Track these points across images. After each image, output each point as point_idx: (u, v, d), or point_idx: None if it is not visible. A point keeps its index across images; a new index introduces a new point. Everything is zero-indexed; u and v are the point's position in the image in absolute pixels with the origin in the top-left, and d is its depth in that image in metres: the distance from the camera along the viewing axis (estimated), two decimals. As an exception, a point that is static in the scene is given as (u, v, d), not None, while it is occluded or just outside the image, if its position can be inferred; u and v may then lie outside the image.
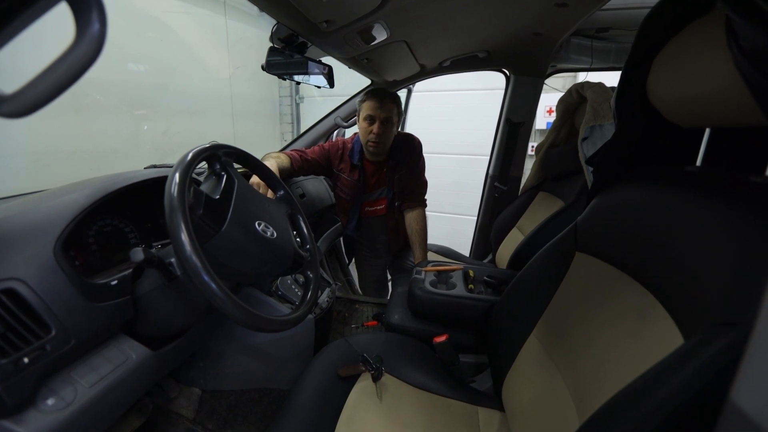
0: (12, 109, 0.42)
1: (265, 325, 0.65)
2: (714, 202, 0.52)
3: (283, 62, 1.11)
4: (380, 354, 0.95)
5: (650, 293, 0.57)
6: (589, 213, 0.80)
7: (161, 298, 0.73)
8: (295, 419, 0.77)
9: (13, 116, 0.43)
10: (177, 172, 0.61)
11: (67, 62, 0.40)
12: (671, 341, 0.48)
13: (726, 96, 0.50)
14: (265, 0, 0.77)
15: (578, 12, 1.14)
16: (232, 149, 0.79)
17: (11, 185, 0.92)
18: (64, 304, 0.60)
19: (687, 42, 0.57)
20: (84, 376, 0.62)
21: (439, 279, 1.23)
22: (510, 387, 0.84)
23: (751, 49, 0.43)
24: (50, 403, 0.56)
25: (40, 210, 0.64)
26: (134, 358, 0.71)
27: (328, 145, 1.61)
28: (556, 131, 1.61)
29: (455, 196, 3.52)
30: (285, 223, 0.85)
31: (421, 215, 1.64)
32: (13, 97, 0.42)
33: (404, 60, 1.47)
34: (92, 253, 0.80)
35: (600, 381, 0.57)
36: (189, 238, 0.56)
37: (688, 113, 0.61)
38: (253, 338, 1.16)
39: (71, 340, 0.60)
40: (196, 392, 1.20)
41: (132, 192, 0.82)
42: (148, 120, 2.12)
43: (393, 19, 1.02)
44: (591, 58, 1.60)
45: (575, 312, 0.73)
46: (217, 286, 0.57)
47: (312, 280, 0.86)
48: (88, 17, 0.39)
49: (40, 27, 0.36)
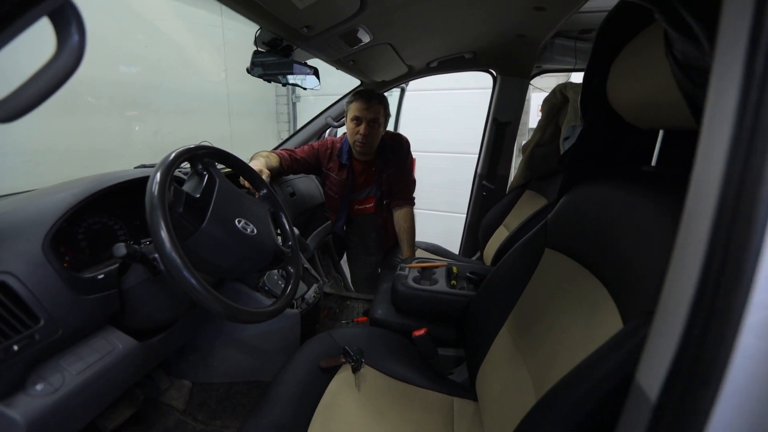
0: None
1: (243, 316, 0.69)
2: (658, 199, 0.55)
3: (268, 64, 1.14)
4: (362, 347, 0.98)
5: (603, 286, 0.60)
6: (557, 211, 0.84)
7: (146, 291, 0.77)
8: (275, 408, 0.80)
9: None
10: (158, 172, 0.65)
11: (49, 72, 0.44)
12: (614, 329, 0.51)
13: (671, 101, 0.53)
14: (245, 8, 0.80)
15: (557, 15, 1.16)
16: (214, 150, 0.82)
17: (3, 184, 0.96)
18: (53, 296, 0.64)
19: (638, 48, 0.61)
20: (72, 364, 0.66)
21: (423, 275, 1.27)
22: (483, 378, 0.88)
23: (683, 59, 0.46)
24: (39, 388, 0.60)
25: (30, 208, 0.68)
26: (120, 348, 0.75)
27: (318, 145, 1.64)
28: (542, 131, 1.64)
29: (449, 194, 3.55)
30: (267, 220, 0.88)
31: (409, 213, 1.68)
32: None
33: (391, 61, 1.50)
34: (82, 250, 0.83)
35: (554, 368, 0.61)
36: (168, 234, 0.60)
37: (642, 116, 0.64)
38: (242, 332, 1.19)
39: (59, 330, 0.64)
40: (187, 384, 1.24)
41: (121, 190, 0.86)
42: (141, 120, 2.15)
43: (374, 23, 1.05)
44: (575, 58, 1.63)
45: (541, 305, 0.76)
46: (195, 280, 0.61)
47: (293, 274, 0.89)
48: (68, 30, 0.43)
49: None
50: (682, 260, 0.30)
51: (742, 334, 0.25)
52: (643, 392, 0.32)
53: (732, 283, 0.25)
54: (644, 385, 0.32)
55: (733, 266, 0.25)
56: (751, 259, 0.24)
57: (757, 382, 0.25)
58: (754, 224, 0.24)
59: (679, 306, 0.29)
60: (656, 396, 0.29)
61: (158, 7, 2.30)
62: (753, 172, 0.24)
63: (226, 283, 1.06)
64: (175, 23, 2.47)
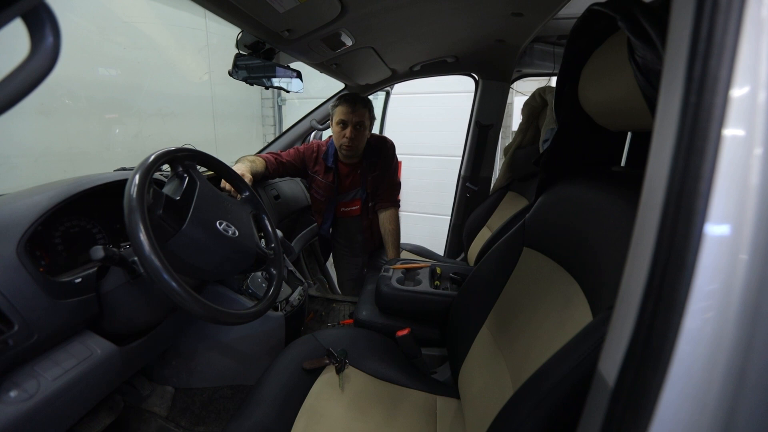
0: None
1: (225, 318, 0.69)
2: (626, 199, 0.58)
3: (251, 68, 1.14)
4: (346, 348, 0.99)
5: (576, 282, 0.62)
6: (534, 210, 0.86)
7: (126, 295, 0.76)
8: (258, 410, 0.80)
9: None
10: (137, 174, 0.65)
11: (22, 74, 0.44)
12: (585, 323, 0.53)
13: (636, 105, 0.56)
14: (225, 11, 0.81)
15: (534, 21, 1.20)
16: (195, 152, 0.82)
17: None
18: (27, 301, 0.63)
19: (605, 54, 0.63)
20: (47, 369, 0.65)
21: (407, 276, 1.28)
22: (464, 375, 0.89)
23: (643, 64, 0.49)
24: (13, 395, 0.59)
25: (4, 211, 0.67)
26: (99, 354, 0.74)
27: (303, 148, 1.64)
28: (523, 133, 1.68)
29: (435, 197, 3.59)
30: (248, 222, 0.88)
31: (394, 215, 1.69)
32: None
33: (374, 65, 1.51)
34: (59, 253, 0.82)
35: (529, 361, 0.63)
36: (147, 237, 0.60)
37: (612, 119, 0.67)
38: (225, 336, 1.18)
39: (34, 335, 0.63)
40: (169, 390, 1.22)
41: (100, 193, 0.85)
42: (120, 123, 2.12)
43: (356, 27, 1.06)
44: (554, 63, 1.68)
45: (519, 302, 0.78)
46: (176, 282, 0.61)
47: (275, 276, 0.89)
48: (42, 32, 0.43)
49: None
50: (636, 255, 0.32)
51: (687, 320, 0.27)
52: (603, 379, 0.33)
53: (676, 273, 0.27)
54: (604, 373, 0.33)
55: (677, 256, 0.27)
56: (692, 249, 0.26)
57: (701, 363, 0.27)
58: (694, 216, 0.26)
59: (633, 297, 0.31)
60: (613, 381, 0.31)
61: (139, 9, 2.27)
62: (692, 168, 0.26)
63: (208, 285, 1.06)
64: (157, 25, 2.45)
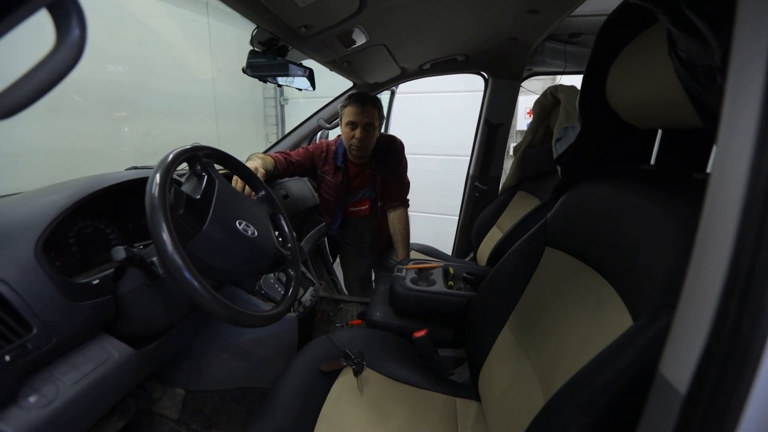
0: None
1: (246, 320, 0.67)
2: (661, 197, 0.57)
3: (264, 65, 1.12)
4: (361, 349, 0.97)
5: (608, 282, 0.61)
6: (557, 210, 0.85)
7: (143, 297, 0.74)
8: (277, 414, 0.79)
9: (-8, 119, 0.44)
10: (158, 173, 0.63)
11: (47, 67, 0.42)
12: (623, 324, 0.52)
13: (671, 101, 0.55)
14: (244, 6, 0.79)
15: (549, 18, 1.19)
16: (213, 150, 0.80)
17: None
18: (45, 304, 0.61)
19: (638, 50, 0.62)
20: (66, 374, 0.63)
21: (420, 276, 1.27)
22: (485, 377, 0.88)
23: (687, 59, 0.47)
24: (32, 400, 0.57)
25: (20, 211, 0.65)
26: (116, 357, 0.72)
27: (312, 148, 1.63)
28: (533, 132, 1.67)
29: (440, 196, 3.57)
30: (266, 222, 0.87)
31: (404, 215, 1.68)
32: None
33: (385, 63, 1.50)
34: (73, 254, 0.80)
35: (562, 365, 0.61)
36: (170, 236, 0.58)
37: (642, 116, 0.66)
38: (237, 338, 1.17)
39: (53, 338, 0.61)
40: (180, 393, 1.20)
41: (113, 193, 0.83)
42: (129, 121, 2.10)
43: (371, 24, 1.05)
44: (564, 61, 1.67)
45: (544, 303, 0.77)
46: (198, 282, 0.59)
47: (293, 277, 0.88)
48: (68, 23, 0.41)
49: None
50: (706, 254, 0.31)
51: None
52: (669, 384, 0.32)
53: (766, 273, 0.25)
54: (670, 378, 0.32)
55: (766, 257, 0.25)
56: None
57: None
58: None
59: (705, 297, 0.30)
60: (686, 387, 0.29)
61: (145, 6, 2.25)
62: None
63: (223, 287, 1.04)
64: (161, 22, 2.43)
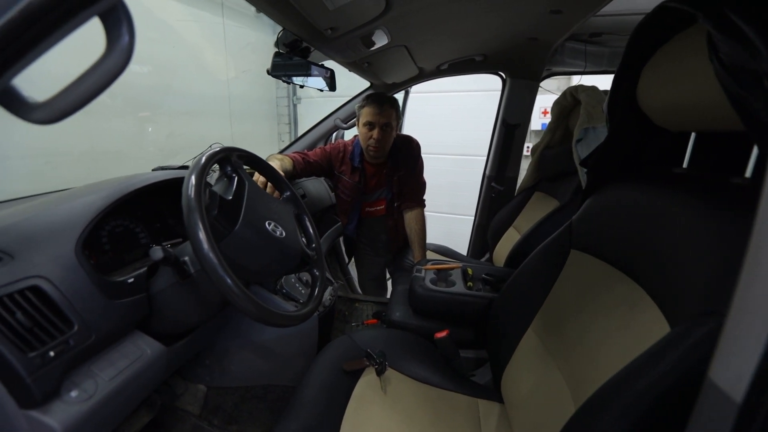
0: (44, 116, 0.45)
1: (277, 319, 0.68)
2: (697, 202, 0.56)
3: (288, 66, 1.14)
4: (383, 349, 0.98)
5: (640, 287, 0.61)
6: (583, 212, 0.84)
7: (175, 295, 0.76)
8: (303, 413, 0.80)
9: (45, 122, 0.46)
10: (193, 175, 0.65)
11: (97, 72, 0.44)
12: (659, 330, 0.52)
13: (709, 104, 0.54)
14: (274, 9, 0.80)
15: (572, 18, 1.18)
16: (244, 152, 0.82)
17: (26, 186, 0.95)
18: (85, 301, 0.63)
19: (673, 52, 0.61)
20: (103, 369, 0.65)
21: (439, 277, 1.27)
22: (509, 379, 0.88)
23: (730, 63, 0.47)
24: (74, 395, 0.59)
25: (61, 211, 0.67)
26: (149, 354, 0.74)
27: (329, 148, 1.64)
28: (551, 133, 1.65)
29: (452, 196, 3.56)
30: (292, 222, 0.88)
31: (420, 215, 1.68)
32: (45, 105, 0.45)
33: (403, 63, 1.50)
34: (105, 253, 0.82)
35: (594, 370, 0.61)
36: (206, 236, 0.59)
37: (675, 119, 0.65)
38: (258, 335, 1.18)
39: (92, 335, 0.63)
40: (202, 389, 1.22)
41: (142, 193, 0.85)
42: (152, 122, 2.14)
43: (394, 25, 1.05)
44: (585, 61, 1.65)
45: (571, 306, 0.77)
46: (231, 281, 0.61)
47: (318, 277, 0.89)
48: (118, 30, 0.42)
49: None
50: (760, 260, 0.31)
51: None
52: (721, 391, 0.32)
53: None
54: (722, 385, 0.32)
55: None
56: None
57: None
58: None
59: (760, 305, 0.29)
60: (742, 396, 0.29)
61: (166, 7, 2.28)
62: None
63: (249, 286, 1.06)
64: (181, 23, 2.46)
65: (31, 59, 0.42)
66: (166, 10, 2.34)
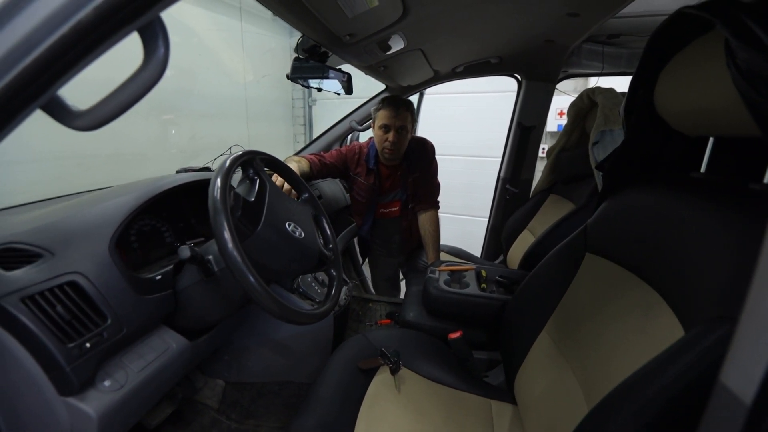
0: (85, 124, 0.49)
1: (296, 317, 0.71)
2: (715, 207, 0.56)
3: (307, 70, 1.17)
4: (397, 349, 1.00)
5: (655, 291, 0.61)
6: (598, 216, 0.84)
7: (199, 292, 0.79)
8: (320, 408, 0.82)
9: (87, 129, 0.50)
10: (218, 178, 0.68)
11: (136, 82, 0.47)
12: (674, 334, 0.52)
13: (727, 109, 0.54)
14: (294, 16, 0.83)
15: (590, 21, 1.17)
16: (265, 155, 0.85)
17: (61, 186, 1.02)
18: (117, 296, 0.67)
19: (691, 57, 0.62)
20: (133, 361, 0.69)
21: (453, 278, 1.28)
22: (522, 381, 0.88)
23: (747, 70, 0.47)
24: (107, 384, 0.63)
25: (95, 211, 0.71)
26: (174, 348, 0.77)
27: (345, 150, 1.66)
28: (567, 135, 1.64)
29: (466, 198, 3.55)
30: (311, 224, 0.91)
31: (434, 217, 1.69)
32: (86, 113, 0.49)
33: (419, 66, 1.52)
34: (134, 251, 0.86)
35: (608, 373, 0.62)
36: (231, 236, 0.62)
37: (693, 123, 0.65)
38: (275, 333, 1.22)
39: (123, 328, 0.66)
40: (220, 384, 1.26)
41: (167, 194, 0.89)
42: (175, 124, 2.22)
43: (410, 30, 1.07)
44: (602, 63, 1.64)
45: (585, 309, 0.77)
46: (255, 279, 0.63)
47: (335, 277, 0.91)
48: (155, 43, 0.46)
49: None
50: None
51: None
52: (731, 394, 0.32)
53: None
54: (733, 388, 0.33)
55: None
56: None
57: None
58: None
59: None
60: (751, 398, 0.30)
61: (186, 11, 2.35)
62: None
63: (269, 285, 1.09)
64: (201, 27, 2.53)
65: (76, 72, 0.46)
66: (187, 14, 2.41)
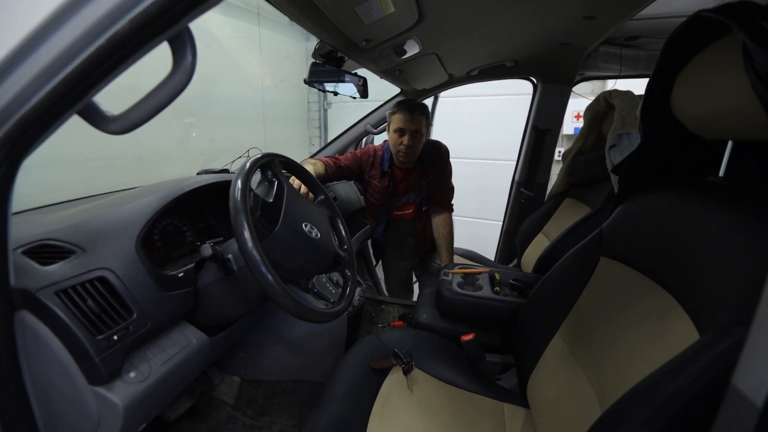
0: (118, 128, 0.52)
1: (313, 315, 0.73)
2: (733, 212, 0.56)
3: (324, 75, 1.20)
4: (409, 350, 1.01)
5: (671, 295, 0.60)
6: (614, 220, 0.84)
7: (219, 290, 0.82)
8: (333, 407, 0.84)
9: (118, 133, 0.53)
10: (239, 179, 0.70)
11: (165, 88, 0.50)
12: (689, 339, 0.52)
13: (745, 113, 0.54)
14: (312, 23, 0.85)
15: (606, 23, 1.16)
16: (283, 158, 0.88)
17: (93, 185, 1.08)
18: (143, 292, 0.70)
19: (709, 61, 0.61)
20: (156, 355, 0.72)
21: (466, 281, 1.28)
22: (535, 384, 0.88)
23: (765, 73, 0.47)
24: (132, 375, 0.66)
25: (123, 210, 0.75)
26: (195, 343, 0.80)
27: (360, 153, 1.69)
28: (584, 138, 1.63)
29: (479, 201, 3.54)
30: (326, 224, 0.93)
31: (448, 219, 1.70)
32: (119, 118, 0.52)
33: (434, 70, 1.53)
34: (157, 249, 0.90)
35: (622, 378, 0.61)
36: (251, 235, 0.65)
37: (710, 127, 0.64)
38: (290, 332, 1.24)
39: (148, 323, 0.69)
40: (236, 381, 1.29)
41: (189, 195, 0.92)
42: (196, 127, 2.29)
43: (426, 34, 1.08)
44: (620, 65, 1.62)
45: (600, 314, 0.77)
46: (273, 278, 0.66)
47: (350, 277, 0.93)
48: (183, 51, 0.48)
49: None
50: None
51: None
52: (743, 397, 0.33)
53: None
54: (745, 391, 0.33)
55: None
56: None
57: None
58: None
59: None
60: (762, 401, 0.30)
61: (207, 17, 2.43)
62: None
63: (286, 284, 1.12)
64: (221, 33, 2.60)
65: (111, 80, 0.49)
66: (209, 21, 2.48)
